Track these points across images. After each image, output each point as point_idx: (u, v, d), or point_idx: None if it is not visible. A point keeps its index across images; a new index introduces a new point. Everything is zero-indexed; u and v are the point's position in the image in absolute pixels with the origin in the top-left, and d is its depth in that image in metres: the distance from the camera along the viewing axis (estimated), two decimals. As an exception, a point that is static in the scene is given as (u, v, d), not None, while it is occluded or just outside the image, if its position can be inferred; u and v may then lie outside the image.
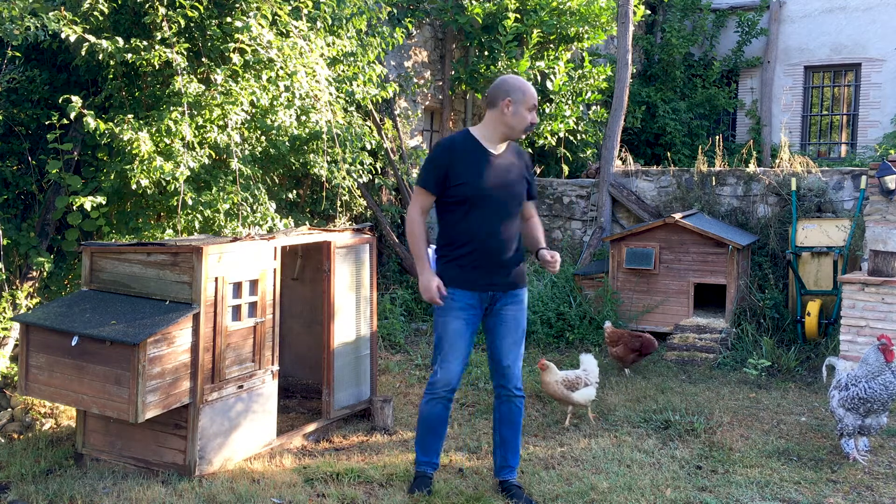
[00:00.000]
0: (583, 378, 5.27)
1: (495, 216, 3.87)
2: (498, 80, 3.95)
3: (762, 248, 8.34)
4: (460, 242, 3.88)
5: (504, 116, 3.86)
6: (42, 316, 4.23)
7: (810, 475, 4.41)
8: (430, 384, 4.02)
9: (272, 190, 6.63)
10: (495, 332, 4.01)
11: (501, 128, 3.89)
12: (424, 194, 3.91)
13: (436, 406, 4.01)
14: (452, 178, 3.83)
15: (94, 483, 4.10)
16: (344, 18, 6.38)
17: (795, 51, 12.87)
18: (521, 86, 3.87)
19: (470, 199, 3.82)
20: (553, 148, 10.14)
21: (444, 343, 3.93)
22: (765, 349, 6.91)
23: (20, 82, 5.74)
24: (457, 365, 3.94)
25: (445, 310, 3.91)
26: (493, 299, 3.97)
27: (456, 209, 3.87)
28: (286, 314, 5.68)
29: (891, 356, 4.53)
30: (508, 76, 3.97)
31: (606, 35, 10.02)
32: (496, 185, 3.86)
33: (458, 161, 3.84)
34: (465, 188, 3.82)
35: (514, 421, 4.07)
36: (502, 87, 3.87)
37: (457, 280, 3.89)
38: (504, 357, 4.01)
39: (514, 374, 4.03)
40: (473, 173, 3.82)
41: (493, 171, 3.87)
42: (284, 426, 4.92)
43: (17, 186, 5.76)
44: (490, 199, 3.84)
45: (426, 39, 9.65)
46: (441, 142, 3.97)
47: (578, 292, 8.04)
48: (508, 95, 3.85)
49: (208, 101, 5.30)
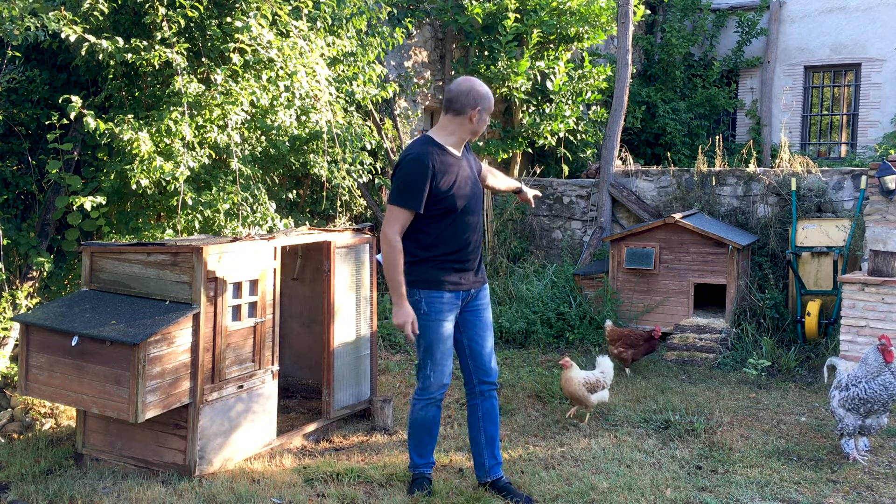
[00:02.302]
0: (601, 380, 5.29)
1: (470, 219, 3.91)
2: (461, 85, 3.85)
3: (762, 248, 8.34)
4: (446, 248, 3.88)
5: (471, 125, 3.87)
6: (42, 316, 4.23)
7: (810, 475, 4.41)
8: (421, 389, 3.99)
9: (272, 190, 6.63)
10: (473, 327, 4.03)
11: (465, 134, 3.90)
12: (407, 213, 3.79)
13: (431, 409, 4.02)
14: (434, 192, 3.79)
15: (94, 483, 4.10)
16: (344, 18, 6.38)
17: (795, 51, 12.87)
18: (486, 94, 3.87)
19: (452, 208, 3.83)
20: (553, 148, 10.14)
21: (437, 349, 3.92)
22: (765, 349, 6.91)
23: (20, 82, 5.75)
24: (449, 364, 3.99)
25: (434, 314, 3.89)
26: (468, 297, 4.01)
27: (438, 220, 3.84)
28: (286, 314, 5.68)
29: (890, 357, 4.53)
30: (471, 81, 3.88)
31: (606, 35, 10.01)
32: (467, 190, 3.89)
33: (438, 175, 3.79)
34: (447, 200, 3.81)
35: (497, 416, 4.12)
36: (471, 95, 3.82)
37: (443, 283, 3.89)
38: (485, 352, 4.04)
39: (494, 367, 4.08)
40: (451, 184, 3.82)
41: (462, 177, 3.89)
42: (284, 426, 4.92)
43: (17, 186, 5.76)
44: (466, 203, 3.88)
45: (426, 39, 9.65)
46: (415, 157, 3.79)
47: (578, 292, 8.04)
48: (478, 105, 3.83)
49: (208, 101, 5.30)
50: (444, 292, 3.89)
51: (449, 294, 3.90)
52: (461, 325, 4.04)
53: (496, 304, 7.97)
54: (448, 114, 3.88)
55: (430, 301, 3.87)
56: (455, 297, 3.93)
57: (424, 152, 3.79)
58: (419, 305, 3.88)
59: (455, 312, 3.96)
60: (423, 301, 3.88)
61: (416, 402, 4.03)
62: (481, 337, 4.04)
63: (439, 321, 3.90)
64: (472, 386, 4.08)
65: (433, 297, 3.87)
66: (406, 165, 3.79)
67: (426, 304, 3.88)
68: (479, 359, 4.04)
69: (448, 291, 3.90)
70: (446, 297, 3.89)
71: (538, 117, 9.56)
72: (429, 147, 3.82)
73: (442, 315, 3.90)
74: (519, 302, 7.95)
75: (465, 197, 3.86)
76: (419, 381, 4.00)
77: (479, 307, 4.05)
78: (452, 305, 3.93)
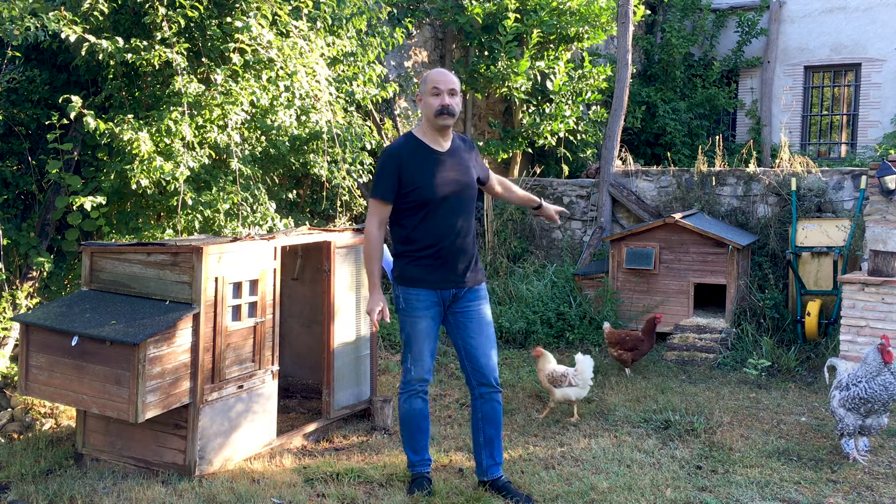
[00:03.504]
0: (569, 377, 5.27)
1: (451, 215, 3.90)
2: None
3: (762, 248, 8.34)
4: (420, 244, 3.91)
5: (424, 111, 3.92)
6: (42, 316, 4.23)
7: (810, 475, 4.41)
8: (404, 382, 4.08)
9: (272, 190, 6.63)
10: (465, 329, 4.02)
11: (430, 123, 3.93)
12: (381, 204, 3.90)
13: (415, 401, 4.07)
14: (404, 183, 3.84)
15: (94, 483, 4.10)
16: (344, 18, 6.38)
17: (795, 51, 12.87)
18: (426, 76, 3.94)
19: (424, 201, 3.84)
20: (553, 148, 10.14)
21: (414, 343, 3.99)
22: (765, 349, 6.91)
23: (20, 82, 5.75)
24: (428, 360, 4.02)
25: (411, 310, 3.97)
26: (455, 297, 4.00)
27: (412, 213, 3.88)
28: (286, 314, 5.68)
29: (889, 357, 4.53)
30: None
31: (606, 35, 10.02)
32: (448, 184, 3.89)
33: (406, 166, 3.84)
34: (417, 192, 3.83)
35: (497, 418, 4.09)
36: (421, 84, 3.95)
37: (419, 280, 3.93)
38: (481, 354, 4.02)
39: (493, 368, 4.05)
40: (424, 176, 3.84)
41: (443, 169, 3.89)
42: (284, 426, 4.92)
43: (17, 186, 5.76)
44: (444, 199, 3.87)
45: (426, 39, 9.65)
46: (387, 149, 3.97)
47: (578, 292, 8.04)
48: (421, 87, 3.93)
49: (208, 101, 5.30)
50: (420, 290, 3.94)
51: (426, 292, 3.94)
52: (453, 327, 4.05)
53: (496, 304, 7.97)
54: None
55: (406, 297, 3.97)
56: (433, 295, 3.95)
57: (396, 145, 3.97)
58: (398, 300, 4.01)
59: (435, 310, 3.98)
60: (402, 297, 3.99)
61: (400, 395, 4.12)
62: (475, 339, 4.01)
63: (416, 317, 3.96)
64: (471, 388, 4.09)
65: (409, 293, 3.96)
66: (379, 159, 3.97)
67: (403, 299, 3.98)
68: (474, 361, 4.03)
69: (425, 289, 3.93)
70: (423, 294, 3.94)
71: (538, 117, 9.56)
72: (403, 141, 3.97)
73: (418, 312, 3.95)
74: (519, 302, 7.95)
75: (443, 193, 3.86)
76: (402, 374, 4.10)
77: (470, 309, 4.02)
78: (430, 303, 3.95)
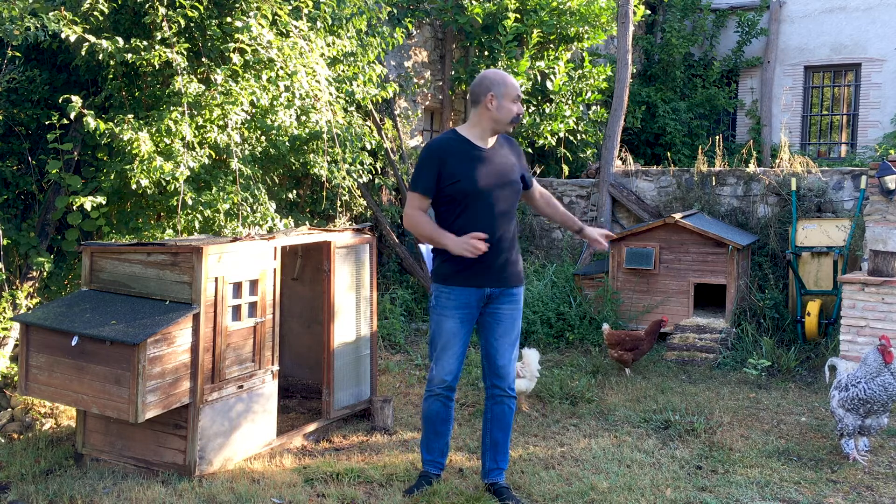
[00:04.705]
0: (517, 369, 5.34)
1: (490, 213, 3.87)
2: (478, 76, 3.97)
3: (762, 248, 8.34)
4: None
5: (489, 112, 3.88)
6: (42, 316, 4.23)
7: (810, 475, 4.42)
8: (427, 381, 4.09)
9: (272, 190, 6.63)
10: (491, 330, 4.01)
11: (488, 123, 3.90)
12: (419, 198, 3.89)
13: (433, 403, 4.04)
14: (445, 177, 3.83)
15: (94, 483, 4.10)
16: (344, 18, 6.38)
17: (795, 51, 12.87)
18: (500, 79, 3.90)
19: (464, 197, 3.83)
20: (553, 148, 10.14)
21: (438, 342, 3.97)
22: (765, 349, 6.91)
23: (20, 82, 5.74)
24: (452, 363, 3.96)
25: (440, 308, 3.94)
26: (490, 297, 3.97)
27: (451, 208, 3.88)
28: (286, 314, 5.68)
29: (889, 357, 4.53)
30: (488, 71, 3.99)
31: (606, 35, 10.02)
32: (490, 182, 3.86)
33: (448, 160, 3.84)
34: (458, 186, 3.82)
35: (506, 422, 4.07)
36: (483, 83, 3.90)
37: (453, 278, 3.91)
38: (500, 356, 4.00)
39: (509, 374, 4.04)
40: (466, 171, 3.83)
41: (486, 167, 3.88)
42: (284, 426, 4.92)
43: (17, 186, 5.76)
44: (485, 196, 3.85)
45: (426, 39, 9.65)
46: (429, 144, 3.96)
47: (578, 292, 8.04)
48: (490, 91, 3.87)
49: (208, 101, 5.30)
50: (453, 287, 3.90)
51: (459, 290, 3.90)
52: (480, 326, 4.05)
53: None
54: (472, 107, 3.97)
55: (438, 294, 3.96)
56: (466, 295, 3.90)
57: (438, 139, 3.97)
58: (431, 297, 4.02)
59: (466, 312, 3.93)
60: (434, 294, 3.99)
61: (424, 393, 4.11)
62: (499, 341, 4.00)
63: (443, 316, 3.93)
64: (486, 387, 4.10)
65: (441, 291, 3.95)
66: (420, 153, 3.97)
67: (435, 297, 3.98)
68: (493, 362, 4.03)
69: (458, 286, 3.90)
70: (455, 292, 3.90)
71: (538, 117, 9.56)
72: (446, 136, 3.97)
73: (447, 311, 3.92)
74: (519, 302, 7.95)
75: (484, 186, 3.84)
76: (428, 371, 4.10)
77: (501, 311, 3.98)
78: (461, 303, 3.91)
